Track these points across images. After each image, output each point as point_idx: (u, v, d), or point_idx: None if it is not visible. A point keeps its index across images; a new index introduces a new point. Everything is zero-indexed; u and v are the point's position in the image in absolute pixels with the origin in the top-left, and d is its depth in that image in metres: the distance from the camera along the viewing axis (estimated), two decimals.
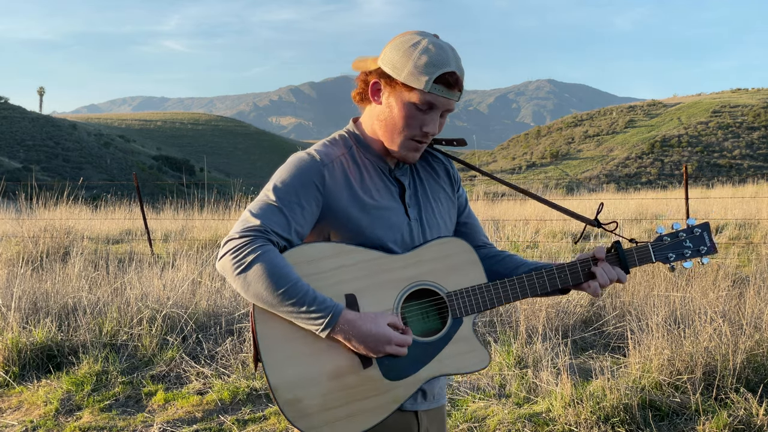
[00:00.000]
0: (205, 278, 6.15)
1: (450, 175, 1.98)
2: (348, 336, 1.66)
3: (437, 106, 1.74)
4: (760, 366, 4.19)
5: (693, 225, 1.94)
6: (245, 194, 12.56)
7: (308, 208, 1.72)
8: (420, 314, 1.81)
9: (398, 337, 1.69)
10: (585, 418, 3.76)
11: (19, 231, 9.70)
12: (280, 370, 1.67)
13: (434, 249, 1.80)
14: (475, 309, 1.81)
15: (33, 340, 5.04)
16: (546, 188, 32.22)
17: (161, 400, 4.43)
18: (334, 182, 1.75)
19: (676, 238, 1.92)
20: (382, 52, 1.78)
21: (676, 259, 1.91)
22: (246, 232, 1.65)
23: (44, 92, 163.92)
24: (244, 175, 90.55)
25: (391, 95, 1.75)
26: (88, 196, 14.19)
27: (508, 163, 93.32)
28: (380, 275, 1.74)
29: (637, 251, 1.90)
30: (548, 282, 1.86)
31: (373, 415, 1.71)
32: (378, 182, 1.81)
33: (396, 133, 1.77)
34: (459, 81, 1.74)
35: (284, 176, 1.74)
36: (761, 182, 22.87)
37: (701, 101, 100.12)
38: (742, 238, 10.82)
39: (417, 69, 1.70)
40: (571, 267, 1.87)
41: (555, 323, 5.22)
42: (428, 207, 1.88)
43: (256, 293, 1.63)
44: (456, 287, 1.80)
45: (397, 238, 1.79)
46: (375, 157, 1.83)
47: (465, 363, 1.80)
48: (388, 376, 1.72)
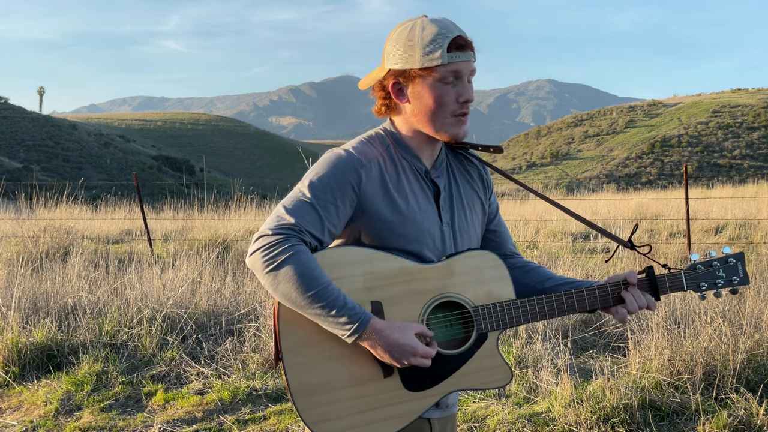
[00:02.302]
0: (205, 278, 6.15)
1: (484, 180, 1.95)
2: (374, 344, 1.64)
3: (462, 73, 1.72)
4: (760, 366, 4.19)
5: (728, 254, 1.89)
6: (245, 194, 12.55)
7: (342, 209, 1.69)
8: (444, 324, 1.79)
9: (424, 349, 1.67)
10: (585, 418, 3.76)
11: (19, 231, 9.70)
12: (301, 373, 1.66)
13: (465, 261, 1.78)
14: (501, 325, 1.78)
15: (33, 340, 5.04)
16: (546, 188, 32.22)
17: (161, 400, 4.43)
18: (370, 183, 1.72)
19: (710, 268, 1.88)
20: (384, 56, 1.77)
21: (708, 289, 1.87)
22: (279, 229, 1.63)
23: (44, 92, 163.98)
24: (244, 175, 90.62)
25: (415, 86, 1.73)
26: (88, 196, 14.18)
27: (508, 163, 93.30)
28: (408, 285, 1.72)
29: (669, 278, 1.86)
30: (577, 304, 1.82)
31: (391, 425, 1.70)
32: (414, 183, 1.79)
33: (436, 117, 1.74)
34: (469, 41, 1.73)
35: (321, 173, 1.70)
36: (761, 182, 22.87)
37: (701, 101, 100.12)
38: (742, 238, 10.82)
39: (426, 48, 1.69)
40: (601, 290, 1.83)
41: (555, 323, 5.22)
42: (461, 212, 1.86)
43: (284, 293, 1.61)
44: (483, 302, 1.78)
45: (429, 242, 1.77)
46: (412, 157, 1.80)
47: (486, 379, 1.78)
48: (408, 387, 1.71)
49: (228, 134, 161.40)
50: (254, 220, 11.00)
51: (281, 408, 4.25)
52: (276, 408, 4.25)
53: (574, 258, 8.00)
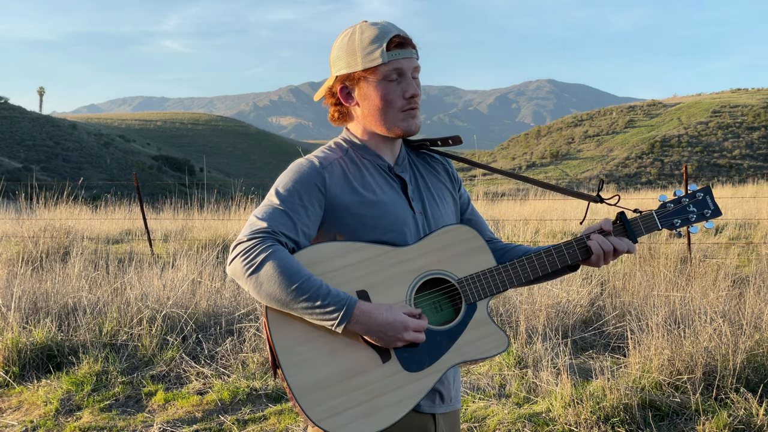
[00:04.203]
0: (205, 278, 6.15)
1: (450, 173, 1.99)
2: (365, 327, 1.65)
3: (404, 70, 1.77)
4: (760, 366, 4.19)
5: (695, 190, 1.93)
6: (245, 194, 12.55)
7: (312, 209, 1.73)
8: (433, 305, 1.80)
9: (415, 322, 1.68)
10: (585, 418, 3.76)
11: (19, 231, 9.70)
12: (300, 373, 1.67)
13: (440, 238, 1.81)
14: (488, 292, 1.81)
15: (33, 340, 5.04)
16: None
17: (161, 400, 4.43)
18: (335, 183, 1.76)
19: (680, 204, 1.92)
20: (330, 65, 1.83)
21: (682, 225, 1.91)
22: (254, 234, 1.66)
23: (44, 92, 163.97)
24: (244, 175, 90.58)
25: (361, 88, 1.78)
26: (88, 196, 14.19)
27: (508, 163, 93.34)
28: (389, 269, 1.74)
29: (642, 220, 1.90)
30: (558, 259, 1.86)
31: (398, 408, 1.70)
32: (379, 179, 1.82)
33: (386, 115, 1.79)
34: (408, 39, 1.78)
35: (286, 181, 1.75)
36: (761, 182, 22.87)
37: (701, 101, 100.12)
38: (742, 238, 10.82)
39: (366, 50, 1.74)
40: (578, 242, 1.87)
41: (555, 323, 5.21)
42: (432, 200, 1.89)
43: (269, 292, 1.62)
44: (466, 273, 1.80)
45: (404, 231, 1.79)
46: (372, 155, 1.84)
47: (484, 347, 1.79)
48: (408, 368, 1.72)
49: (228, 134, 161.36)
50: None
51: (281, 408, 4.25)
52: (276, 408, 4.25)
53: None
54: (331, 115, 1.87)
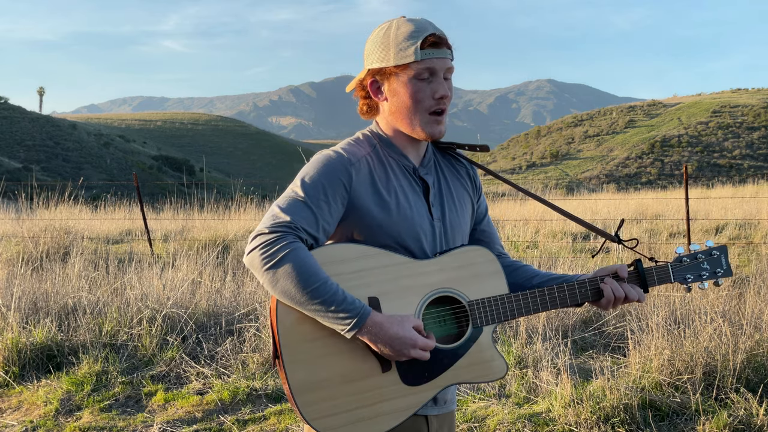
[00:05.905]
0: (205, 278, 6.15)
1: (472, 178, 1.97)
2: (374, 338, 1.65)
3: (437, 69, 1.75)
4: (760, 366, 4.18)
5: (711, 247, 1.96)
6: (245, 194, 12.56)
7: (334, 206, 1.72)
8: (437, 320, 1.80)
9: (423, 341, 1.68)
10: (585, 418, 3.76)
11: (19, 231, 9.70)
12: (300, 370, 1.67)
13: (458, 256, 1.81)
14: (495, 319, 1.81)
15: (33, 340, 5.04)
16: (546, 188, 32.21)
17: (161, 400, 4.43)
18: (360, 181, 1.75)
19: (695, 260, 1.95)
20: (364, 58, 1.81)
21: (694, 281, 1.94)
22: (276, 227, 1.64)
23: (44, 92, 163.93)
24: (244, 175, 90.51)
25: (392, 83, 1.77)
26: (88, 196, 14.18)
27: (508, 163, 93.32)
28: (403, 280, 1.74)
29: (657, 270, 1.92)
30: (569, 297, 1.87)
31: (390, 419, 1.71)
32: (403, 181, 1.81)
33: (413, 114, 1.77)
34: (444, 39, 1.76)
35: (312, 172, 1.73)
36: (761, 182, 22.89)
37: (701, 101, 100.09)
38: (742, 238, 10.82)
39: (400, 46, 1.73)
40: (591, 282, 1.87)
41: (555, 323, 5.22)
42: (452, 207, 1.88)
43: (284, 290, 1.61)
44: (478, 296, 1.80)
45: (420, 238, 1.79)
46: (399, 155, 1.83)
47: (483, 372, 1.80)
48: (406, 381, 1.72)
49: (228, 134, 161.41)
50: (254, 220, 11.00)
51: (281, 408, 4.25)
52: (276, 408, 4.25)
53: (574, 258, 8.00)
54: (360, 108, 1.86)
